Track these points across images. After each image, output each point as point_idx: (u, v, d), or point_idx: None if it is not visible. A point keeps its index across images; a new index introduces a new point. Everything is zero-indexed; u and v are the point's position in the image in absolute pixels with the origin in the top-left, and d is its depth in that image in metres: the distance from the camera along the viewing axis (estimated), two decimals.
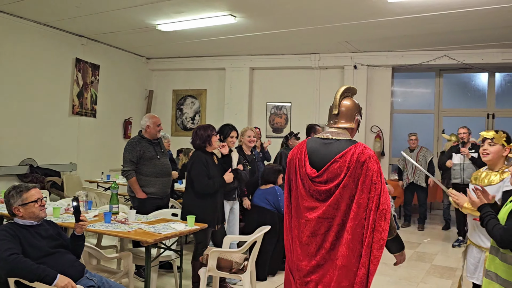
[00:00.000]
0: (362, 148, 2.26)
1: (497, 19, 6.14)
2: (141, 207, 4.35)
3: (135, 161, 4.44)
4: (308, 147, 2.37)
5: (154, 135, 4.57)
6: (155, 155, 4.52)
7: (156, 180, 4.49)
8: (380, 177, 2.20)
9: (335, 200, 2.19)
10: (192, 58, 9.52)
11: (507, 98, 8.64)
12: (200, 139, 4.03)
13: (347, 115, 2.46)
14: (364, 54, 8.53)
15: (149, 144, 4.53)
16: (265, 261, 4.60)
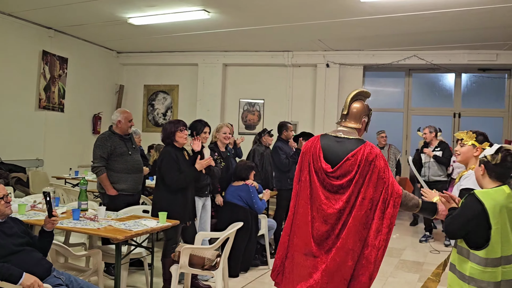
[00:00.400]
0: (370, 147, 2.54)
1: (464, 21, 6.33)
2: (112, 204, 4.25)
3: (105, 157, 4.34)
4: (322, 143, 2.62)
5: (125, 130, 4.48)
6: (127, 151, 4.43)
7: (127, 176, 4.41)
8: (387, 173, 2.49)
9: (347, 195, 2.47)
10: (164, 53, 9.38)
11: (473, 98, 8.94)
12: (165, 134, 3.99)
13: (356, 116, 2.71)
14: (336, 53, 8.63)
15: (120, 140, 4.43)
16: (238, 258, 4.60)
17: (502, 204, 2.26)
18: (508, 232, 2.27)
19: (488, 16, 6.05)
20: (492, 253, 2.24)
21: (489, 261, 2.24)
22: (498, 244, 2.24)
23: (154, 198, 4.07)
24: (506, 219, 2.27)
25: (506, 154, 2.36)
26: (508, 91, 8.68)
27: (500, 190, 2.32)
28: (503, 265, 2.26)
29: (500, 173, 2.36)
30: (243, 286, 4.39)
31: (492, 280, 2.24)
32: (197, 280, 4.19)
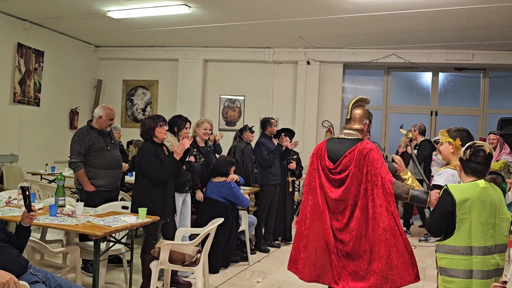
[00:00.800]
0: (365, 143, 2.94)
1: (441, 21, 6.45)
2: (89, 200, 4.18)
3: (83, 152, 4.26)
4: (327, 145, 3.08)
5: (104, 127, 4.40)
6: (105, 147, 4.35)
7: (106, 172, 4.34)
8: (380, 163, 2.85)
9: (346, 186, 2.89)
10: (144, 47, 9.26)
11: (449, 96, 9.13)
12: (144, 130, 3.94)
13: (357, 119, 3.11)
14: (317, 50, 8.69)
15: (99, 135, 4.35)
16: (218, 254, 4.59)
17: (474, 197, 2.36)
18: (482, 224, 2.36)
19: (465, 17, 6.18)
20: (460, 242, 2.36)
21: (457, 249, 2.36)
22: (465, 234, 2.34)
23: (134, 194, 4.02)
24: (479, 212, 2.36)
25: (475, 150, 2.45)
26: (483, 90, 8.90)
27: (473, 184, 2.42)
28: (475, 255, 2.35)
29: (473, 169, 2.45)
30: (224, 282, 4.39)
31: (462, 268, 2.35)
32: (177, 276, 4.16)
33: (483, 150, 2.45)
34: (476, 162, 2.45)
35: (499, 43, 7.54)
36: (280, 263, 5.11)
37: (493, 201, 2.40)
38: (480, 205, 2.36)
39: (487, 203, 2.38)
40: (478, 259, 2.35)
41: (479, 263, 2.35)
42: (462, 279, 2.36)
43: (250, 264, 4.98)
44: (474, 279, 2.35)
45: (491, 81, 8.86)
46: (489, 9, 5.78)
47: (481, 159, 2.44)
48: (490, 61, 8.14)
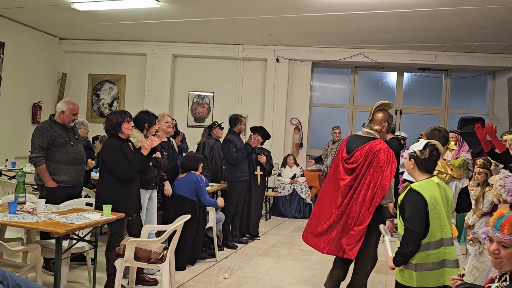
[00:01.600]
0: (377, 143, 3.45)
1: (406, 22, 6.63)
2: (51, 196, 4.06)
3: (45, 147, 4.13)
4: (348, 139, 3.68)
5: (67, 123, 4.27)
6: (68, 141, 4.23)
7: (68, 168, 4.22)
8: (386, 164, 3.37)
9: (355, 175, 3.48)
10: (111, 41, 9.06)
11: (413, 96, 9.41)
12: (110, 126, 3.85)
13: (377, 122, 3.62)
14: (286, 48, 8.75)
15: (62, 130, 4.23)
16: (185, 250, 4.57)
17: (436, 193, 2.56)
18: (445, 217, 2.56)
19: (429, 19, 6.37)
20: (433, 237, 2.53)
21: (431, 244, 2.53)
22: (437, 228, 2.53)
23: (98, 190, 3.94)
24: (441, 206, 2.56)
25: (432, 149, 2.64)
26: (445, 91, 9.21)
27: (430, 181, 2.61)
28: (446, 246, 2.55)
29: (428, 166, 2.66)
30: (190, 278, 4.37)
31: (436, 261, 2.53)
32: (143, 274, 4.11)
33: (437, 149, 2.66)
34: (432, 161, 2.66)
35: (461, 45, 7.82)
36: (247, 259, 5.14)
37: (447, 195, 2.64)
38: (443, 201, 2.57)
39: (443, 197, 2.60)
40: (448, 250, 2.55)
41: (449, 253, 2.55)
42: (437, 271, 2.53)
43: (217, 261, 4.98)
44: (446, 268, 2.54)
45: (453, 81, 9.19)
46: (452, 12, 5.98)
47: (435, 157, 2.66)
48: (452, 62, 8.43)
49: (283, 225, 7.09)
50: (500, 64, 8.34)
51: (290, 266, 4.94)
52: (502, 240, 1.92)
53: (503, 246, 1.92)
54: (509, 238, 1.90)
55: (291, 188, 7.92)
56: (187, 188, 4.77)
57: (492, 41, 7.44)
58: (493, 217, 2.01)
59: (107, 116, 3.93)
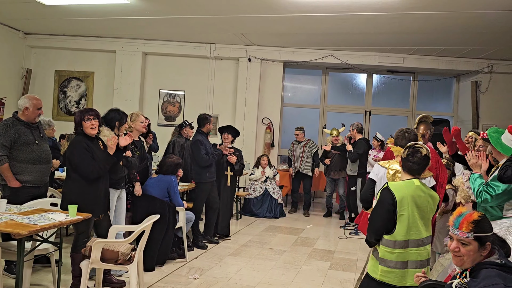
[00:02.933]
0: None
1: (376, 25, 6.76)
2: (14, 196, 3.91)
3: (8, 145, 3.97)
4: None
5: (32, 119, 4.12)
6: (33, 140, 4.09)
7: (33, 167, 4.07)
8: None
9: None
10: (79, 37, 8.83)
11: (382, 97, 9.61)
12: (75, 124, 3.77)
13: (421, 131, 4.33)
14: (258, 48, 8.76)
15: (26, 128, 4.07)
16: (154, 251, 4.50)
17: (410, 195, 2.61)
18: (416, 219, 2.62)
19: (397, 22, 6.52)
20: (399, 237, 2.60)
21: (397, 243, 2.60)
22: (404, 228, 2.59)
23: (64, 190, 3.83)
24: (414, 208, 2.62)
25: (413, 150, 2.71)
26: (412, 93, 9.46)
27: (410, 182, 2.68)
28: (411, 247, 2.61)
29: (409, 167, 2.72)
30: (159, 279, 4.31)
31: (400, 260, 2.60)
32: (110, 275, 4.03)
33: (420, 152, 2.70)
34: (413, 162, 2.70)
35: (427, 48, 8.05)
36: (218, 259, 5.11)
37: (426, 197, 2.68)
38: (415, 202, 2.61)
39: (420, 200, 2.64)
40: (413, 251, 2.61)
41: (413, 255, 2.61)
42: (400, 270, 2.60)
43: (187, 261, 4.93)
44: (409, 269, 2.60)
45: (420, 84, 9.44)
46: (419, 16, 6.14)
47: (417, 160, 2.69)
48: (419, 65, 8.66)
49: (254, 225, 7.10)
50: (464, 67, 8.63)
51: (260, 266, 4.95)
52: (461, 238, 1.98)
53: (463, 243, 1.98)
54: (467, 235, 1.96)
55: (263, 188, 7.86)
56: (159, 187, 4.72)
57: (457, 45, 7.68)
58: (453, 216, 2.07)
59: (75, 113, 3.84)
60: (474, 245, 1.95)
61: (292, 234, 6.58)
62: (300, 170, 8.01)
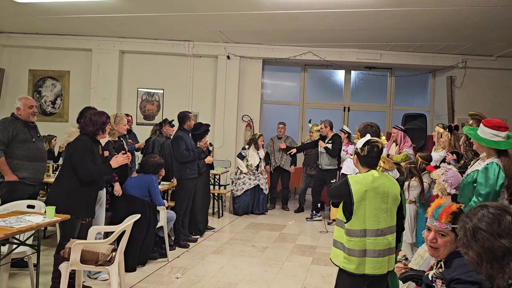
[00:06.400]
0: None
1: (353, 21, 6.82)
2: (11, 194, 4.05)
3: (5, 141, 4.14)
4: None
5: (27, 117, 4.29)
6: (30, 138, 4.26)
7: (29, 164, 4.23)
8: None
9: None
10: (54, 35, 8.64)
11: (360, 93, 9.73)
12: (94, 126, 3.77)
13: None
14: (237, 45, 8.74)
15: (24, 127, 4.26)
16: (135, 251, 4.45)
17: (369, 187, 2.70)
18: (376, 209, 2.70)
19: (374, 19, 6.60)
20: (354, 226, 2.70)
21: (353, 232, 2.70)
22: (360, 219, 2.68)
23: (53, 191, 3.74)
24: (374, 199, 2.71)
25: (371, 146, 2.81)
26: (390, 88, 9.60)
27: (368, 175, 2.76)
28: (369, 236, 2.69)
29: (368, 162, 2.82)
30: (141, 280, 4.27)
31: (357, 248, 2.70)
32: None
33: (377, 147, 2.82)
34: (372, 157, 2.82)
35: (404, 44, 8.17)
36: (200, 257, 5.09)
37: (385, 188, 2.76)
38: (373, 193, 2.70)
39: (379, 191, 2.73)
40: (371, 240, 2.69)
41: (371, 244, 2.69)
42: (358, 258, 2.69)
43: (169, 260, 4.89)
44: (367, 258, 2.69)
45: (397, 79, 9.59)
46: (394, 12, 6.23)
47: (376, 154, 2.82)
48: (395, 61, 8.79)
49: (235, 223, 7.09)
50: (439, 63, 8.80)
51: (243, 263, 4.95)
52: (440, 229, 2.03)
53: (441, 234, 2.02)
54: (446, 227, 2.00)
55: (254, 183, 7.51)
56: (139, 187, 4.66)
57: (432, 41, 7.83)
58: (431, 207, 2.11)
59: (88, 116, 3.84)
60: (451, 236, 1.99)
61: (274, 231, 6.60)
62: (281, 165, 8.07)
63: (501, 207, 1.64)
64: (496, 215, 1.61)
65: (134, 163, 6.02)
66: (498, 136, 3.03)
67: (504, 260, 1.55)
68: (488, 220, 1.60)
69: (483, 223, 1.61)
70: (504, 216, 1.59)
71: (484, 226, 1.60)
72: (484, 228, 1.59)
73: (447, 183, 3.71)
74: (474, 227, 1.62)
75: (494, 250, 1.56)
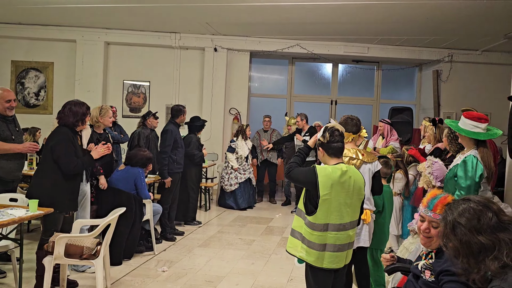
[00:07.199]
0: None
1: (340, 15, 6.81)
2: None
3: None
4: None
5: (3, 111, 3.95)
6: (10, 136, 3.96)
7: (6, 163, 3.94)
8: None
9: None
10: (37, 26, 8.45)
11: (347, 86, 9.75)
12: (75, 117, 3.67)
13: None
14: (224, 38, 8.67)
15: (2, 122, 3.95)
16: (121, 245, 4.41)
17: (335, 180, 2.60)
18: (340, 204, 2.62)
19: (361, 12, 6.60)
20: (318, 219, 2.61)
21: (315, 225, 2.62)
22: (324, 212, 2.59)
23: (36, 181, 3.66)
24: (339, 193, 2.62)
25: (331, 131, 2.70)
26: (377, 82, 9.64)
27: (336, 168, 2.66)
28: (331, 231, 2.62)
29: (334, 148, 2.70)
30: (127, 273, 4.23)
31: (318, 242, 2.62)
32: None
33: (337, 130, 2.72)
34: (336, 142, 2.70)
35: (391, 38, 8.19)
36: (186, 250, 5.07)
37: (351, 183, 2.66)
38: (339, 187, 2.61)
39: (345, 185, 2.64)
40: (332, 235, 2.62)
41: (332, 238, 2.62)
42: (317, 252, 2.62)
43: (155, 254, 4.86)
44: (326, 252, 2.63)
45: (384, 73, 9.64)
46: (383, 5, 6.23)
47: (339, 138, 2.70)
48: (382, 54, 8.82)
49: (222, 216, 7.08)
50: (426, 57, 8.85)
51: (229, 256, 4.94)
52: (434, 220, 2.03)
53: (434, 225, 2.03)
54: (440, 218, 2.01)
55: (245, 176, 7.44)
56: (126, 180, 4.62)
57: (419, 35, 7.86)
58: (427, 197, 2.12)
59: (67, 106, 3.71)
60: None
61: (261, 224, 6.61)
62: (268, 159, 8.08)
63: (484, 203, 1.64)
64: (477, 211, 1.62)
65: (120, 155, 5.96)
66: (478, 127, 3.11)
67: (480, 256, 1.57)
68: (468, 215, 1.62)
69: (463, 218, 1.63)
70: (485, 212, 1.61)
71: (464, 221, 1.62)
72: (463, 223, 1.62)
73: (432, 175, 3.74)
74: (454, 221, 1.64)
75: (470, 245, 1.59)
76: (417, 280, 2.08)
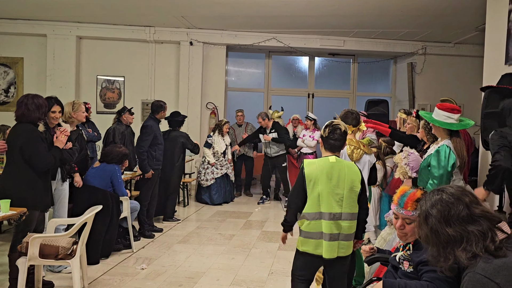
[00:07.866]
0: None
1: (316, 8, 6.81)
2: None
3: None
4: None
5: None
6: None
7: None
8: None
9: None
10: (5, 20, 8.15)
11: (324, 80, 9.79)
12: (40, 110, 3.50)
13: None
14: (200, 31, 8.57)
15: None
16: (97, 243, 4.32)
17: (322, 171, 2.68)
18: (328, 194, 2.67)
19: (337, 5, 6.61)
20: (309, 209, 2.69)
21: (308, 215, 2.69)
22: (315, 201, 2.67)
23: (4, 183, 3.51)
24: (326, 183, 2.67)
25: (332, 128, 2.77)
26: (353, 75, 9.72)
27: (324, 160, 2.74)
28: (324, 219, 2.67)
29: (331, 145, 2.78)
30: (105, 272, 4.15)
31: (314, 231, 2.68)
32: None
33: (339, 129, 2.78)
34: (334, 139, 2.77)
35: (366, 31, 8.26)
36: (166, 247, 5.01)
37: (341, 175, 2.70)
38: (326, 178, 2.67)
39: (334, 176, 2.68)
40: (325, 223, 2.67)
41: (326, 226, 2.67)
42: (315, 240, 2.69)
43: (133, 251, 4.79)
44: (323, 240, 2.68)
45: (360, 66, 9.72)
46: None
47: (338, 136, 2.77)
48: (358, 47, 8.88)
49: (201, 211, 7.03)
50: (400, 50, 8.97)
51: (209, 251, 4.91)
52: (407, 217, 2.06)
53: (408, 221, 2.06)
54: (412, 214, 2.04)
55: (222, 172, 7.38)
56: (102, 177, 4.52)
57: (394, 28, 7.95)
58: (396, 195, 2.14)
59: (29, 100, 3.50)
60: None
61: (240, 218, 6.59)
62: (244, 153, 8.10)
63: (457, 195, 1.65)
64: (448, 203, 1.64)
65: (95, 152, 5.83)
66: (451, 118, 3.18)
67: (447, 248, 1.59)
68: (440, 207, 1.64)
69: (435, 209, 1.65)
70: (456, 205, 1.62)
71: (435, 212, 1.64)
72: (434, 214, 1.64)
73: (408, 166, 3.80)
74: (426, 211, 1.67)
75: (439, 236, 1.61)
76: (396, 271, 2.11)
